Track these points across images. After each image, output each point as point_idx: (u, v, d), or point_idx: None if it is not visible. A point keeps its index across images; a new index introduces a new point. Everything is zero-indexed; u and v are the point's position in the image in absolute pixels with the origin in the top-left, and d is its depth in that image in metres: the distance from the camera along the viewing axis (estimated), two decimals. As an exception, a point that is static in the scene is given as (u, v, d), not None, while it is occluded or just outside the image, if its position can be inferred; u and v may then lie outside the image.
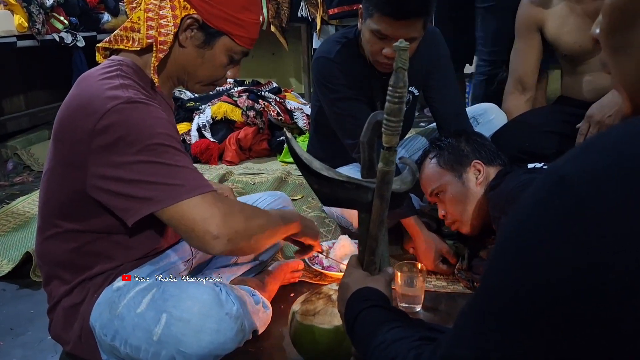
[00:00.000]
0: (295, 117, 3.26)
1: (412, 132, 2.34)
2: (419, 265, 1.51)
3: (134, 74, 1.14)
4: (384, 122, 0.76)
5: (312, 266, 1.68)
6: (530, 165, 1.54)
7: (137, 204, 1.04)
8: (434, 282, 1.65)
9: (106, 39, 1.20)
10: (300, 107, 3.31)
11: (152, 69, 1.15)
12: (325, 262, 1.67)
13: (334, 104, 1.79)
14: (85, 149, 1.05)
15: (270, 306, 1.36)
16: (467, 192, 1.56)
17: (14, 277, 1.74)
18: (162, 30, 1.13)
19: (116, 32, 1.18)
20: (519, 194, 1.18)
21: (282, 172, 2.81)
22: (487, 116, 2.11)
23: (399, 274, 1.47)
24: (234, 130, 3.19)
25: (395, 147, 0.79)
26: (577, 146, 0.50)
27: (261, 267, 1.62)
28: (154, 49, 1.14)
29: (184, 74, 1.21)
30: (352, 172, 1.86)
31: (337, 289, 0.96)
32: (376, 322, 0.76)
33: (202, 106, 3.36)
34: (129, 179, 1.03)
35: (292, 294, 1.58)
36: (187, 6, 1.13)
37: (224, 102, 3.26)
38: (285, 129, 1.33)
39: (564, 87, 2.10)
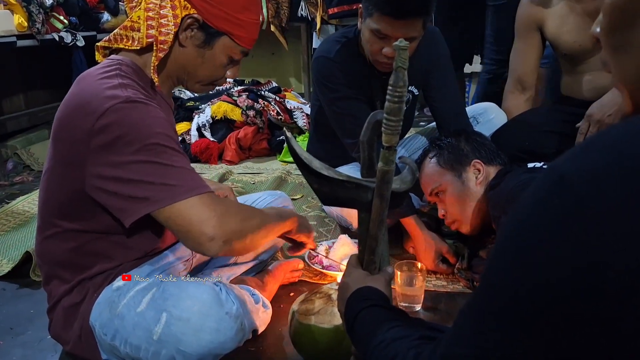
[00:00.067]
0: (295, 116, 3.26)
1: (412, 132, 2.34)
2: (418, 264, 1.51)
3: (133, 73, 1.14)
4: (384, 121, 0.76)
5: (312, 266, 1.68)
6: (530, 164, 1.54)
7: (134, 204, 1.04)
8: (434, 281, 1.65)
9: (106, 38, 1.20)
10: (300, 107, 3.31)
11: (152, 68, 1.15)
12: (325, 261, 1.67)
13: (333, 103, 1.79)
14: (84, 149, 1.04)
15: (270, 305, 1.36)
16: (467, 191, 1.56)
17: (14, 277, 1.74)
18: (163, 29, 1.13)
19: (116, 31, 1.18)
20: (519, 194, 1.18)
21: (282, 172, 2.81)
22: (486, 115, 2.10)
23: (398, 273, 1.47)
24: (233, 129, 3.19)
25: (395, 147, 0.79)
26: (577, 145, 0.50)
27: (261, 266, 1.62)
28: (154, 48, 1.14)
29: (183, 74, 1.21)
30: (352, 171, 1.85)
31: (337, 288, 0.96)
32: (376, 322, 0.76)
33: (202, 106, 3.36)
34: (126, 179, 1.03)
35: (292, 294, 1.58)
36: (188, 6, 1.13)
37: (223, 101, 3.26)
38: (285, 128, 1.33)
39: (564, 87, 2.10)
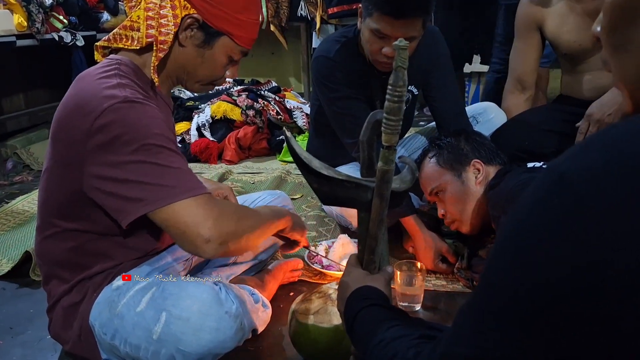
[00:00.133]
0: (294, 116, 3.26)
1: (412, 131, 2.34)
2: (418, 264, 1.51)
3: (132, 73, 1.13)
4: (384, 121, 0.76)
5: (311, 265, 1.68)
6: (529, 164, 1.54)
7: (130, 204, 1.03)
8: (434, 281, 1.65)
9: (105, 38, 1.20)
10: (299, 106, 3.31)
11: (152, 68, 1.14)
12: (324, 261, 1.67)
13: (333, 103, 1.79)
14: (82, 149, 1.04)
15: (269, 305, 1.36)
16: (466, 191, 1.56)
17: (14, 276, 1.74)
18: (163, 29, 1.13)
19: (115, 31, 1.17)
20: (519, 193, 1.18)
21: (282, 171, 2.81)
22: (486, 115, 2.10)
23: (398, 273, 1.47)
24: (233, 129, 3.19)
25: (394, 146, 0.78)
26: (576, 144, 0.50)
27: (260, 266, 1.62)
28: (154, 48, 1.14)
29: (183, 74, 1.21)
30: (352, 171, 1.86)
31: (337, 288, 0.96)
32: (375, 321, 0.76)
33: (202, 105, 3.36)
34: (123, 179, 1.03)
35: (291, 293, 1.58)
36: (188, 6, 1.12)
37: (223, 101, 3.26)
38: (284, 128, 1.33)
39: (564, 86, 2.10)
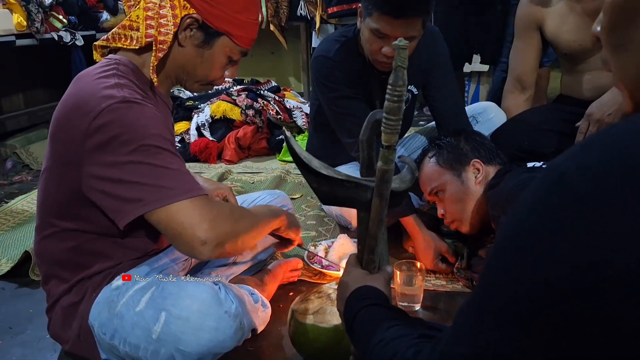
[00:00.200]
0: (294, 115, 3.25)
1: (412, 131, 2.34)
2: (418, 264, 1.51)
3: (130, 73, 1.13)
4: (383, 120, 0.76)
5: (311, 265, 1.68)
6: (529, 164, 1.54)
7: (127, 205, 1.03)
8: (433, 280, 1.65)
9: (104, 37, 1.19)
10: (299, 106, 3.31)
11: (152, 68, 1.14)
12: (324, 261, 1.67)
13: (333, 102, 1.79)
14: (80, 149, 1.04)
15: (269, 305, 1.36)
16: (466, 191, 1.55)
17: (13, 276, 1.74)
18: (162, 29, 1.12)
19: (114, 30, 1.17)
20: (518, 193, 1.18)
21: (281, 171, 2.81)
22: (486, 115, 2.10)
23: (398, 272, 1.47)
24: (233, 129, 3.19)
25: (394, 146, 0.78)
26: (576, 144, 0.50)
27: (260, 266, 1.62)
28: (154, 48, 1.13)
29: (182, 74, 1.21)
30: (351, 170, 1.85)
31: (336, 287, 0.96)
32: (375, 321, 0.76)
33: (201, 105, 3.36)
34: (120, 179, 1.03)
35: (291, 293, 1.58)
36: (187, 6, 1.12)
37: (223, 100, 3.25)
38: (284, 127, 1.33)
39: (564, 86, 2.10)
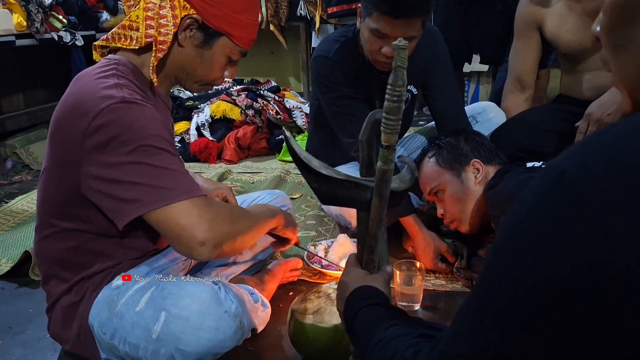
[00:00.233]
0: (294, 115, 3.25)
1: (411, 131, 2.34)
2: (417, 263, 1.51)
3: (130, 73, 1.13)
4: (383, 120, 0.76)
5: (311, 265, 1.68)
6: (529, 164, 1.54)
7: (126, 206, 1.03)
8: (433, 280, 1.65)
9: (103, 37, 1.19)
10: (299, 106, 3.31)
11: (152, 68, 1.14)
12: (323, 260, 1.67)
13: (332, 102, 1.79)
14: (79, 149, 1.04)
15: (269, 305, 1.36)
16: (466, 191, 1.55)
17: (13, 276, 1.74)
18: (162, 30, 1.12)
19: (114, 30, 1.17)
20: (518, 193, 1.18)
21: (281, 171, 2.81)
22: (486, 115, 2.10)
23: (397, 272, 1.47)
24: (232, 129, 3.19)
25: (394, 146, 0.78)
26: (576, 143, 0.50)
27: (260, 265, 1.62)
28: (154, 48, 1.13)
29: (182, 74, 1.21)
30: (351, 170, 1.85)
31: (336, 287, 0.96)
32: (375, 320, 0.76)
33: (201, 105, 3.36)
34: (119, 180, 1.03)
35: (291, 293, 1.58)
36: (187, 6, 1.12)
37: (222, 100, 3.25)
38: (284, 127, 1.33)
39: (563, 86, 2.10)
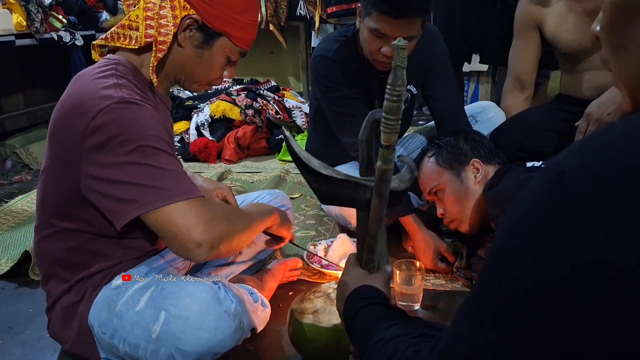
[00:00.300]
0: (293, 115, 3.26)
1: (411, 131, 2.34)
2: (417, 263, 1.51)
3: (129, 73, 1.13)
4: (383, 120, 0.76)
5: (310, 265, 1.68)
6: (528, 163, 1.54)
7: (124, 206, 1.03)
8: (433, 280, 1.65)
9: (102, 37, 1.19)
10: (298, 106, 3.31)
11: (151, 68, 1.14)
12: (323, 260, 1.67)
13: (332, 102, 1.79)
14: (78, 149, 1.04)
15: (269, 304, 1.36)
16: (465, 190, 1.55)
17: (13, 276, 1.74)
18: (162, 30, 1.12)
19: (113, 30, 1.17)
20: (518, 192, 1.18)
21: (281, 171, 2.81)
22: (485, 114, 2.10)
23: (397, 272, 1.47)
24: (232, 128, 3.19)
25: (393, 146, 0.78)
26: (576, 143, 0.50)
27: (259, 265, 1.62)
28: (154, 48, 1.13)
29: (181, 74, 1.21)
30: (351, 170, 1.85)
31: (336, 287, 0.96)
32: (375, 320, 0.76)
33: (201, 105, 3.36)
34: (117, 180, 1.03)
35: (290, 293, 1.58)
36: (187, 6, 1.12)
37: (222, 100, 3.25)
38: (283, 127, 1.33)
39: (563, 85, 2.10)
